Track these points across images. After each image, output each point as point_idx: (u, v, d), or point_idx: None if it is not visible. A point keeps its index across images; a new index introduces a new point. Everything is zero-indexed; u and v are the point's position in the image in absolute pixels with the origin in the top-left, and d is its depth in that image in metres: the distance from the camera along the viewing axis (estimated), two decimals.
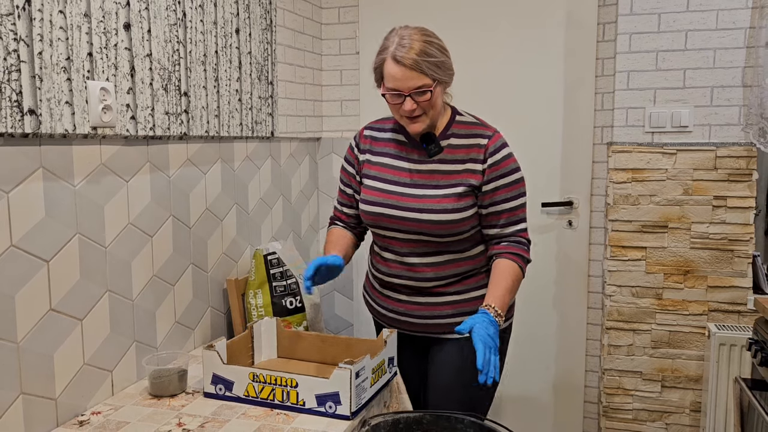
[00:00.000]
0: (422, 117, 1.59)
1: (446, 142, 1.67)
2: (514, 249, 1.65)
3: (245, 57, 2.14)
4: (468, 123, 1.70)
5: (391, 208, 1.66)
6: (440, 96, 1.60)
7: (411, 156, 1.69)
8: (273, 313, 2.00)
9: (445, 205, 1.62)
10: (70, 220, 1.42)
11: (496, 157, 1.64)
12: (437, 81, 1.55)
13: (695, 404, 2.43)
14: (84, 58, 1.42)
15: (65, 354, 1.42)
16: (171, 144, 1.78)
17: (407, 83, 1.54)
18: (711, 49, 2.28)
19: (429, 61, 1.52)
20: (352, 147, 1.81)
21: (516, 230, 1.67)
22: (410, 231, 1.66)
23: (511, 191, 1.66)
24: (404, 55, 1.51)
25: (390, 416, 1.48)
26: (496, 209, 1.65)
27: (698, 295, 2.38)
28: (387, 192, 1.68)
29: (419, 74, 1.52)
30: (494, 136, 1.66)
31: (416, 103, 1.56)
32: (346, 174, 1.82)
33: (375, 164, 1.74)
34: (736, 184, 2.31)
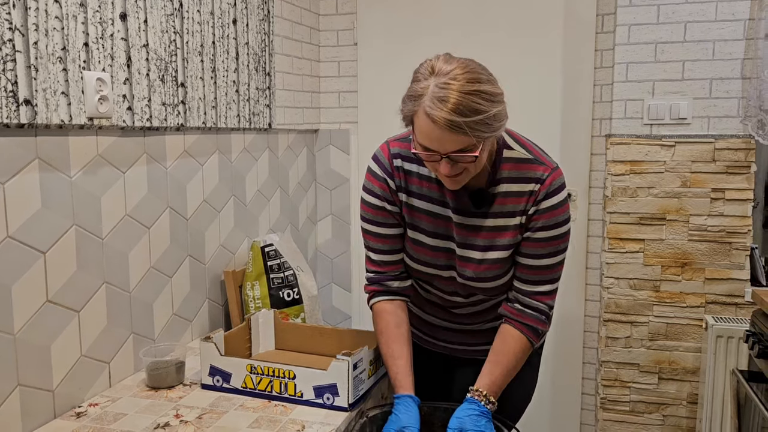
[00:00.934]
0: (463, 174, 1.27)
1: (495, 190, 1.36)
2: (527, 319, 1.40)
3: (242, 48, 2.13)
4: (519, 161, 1.36)
5: (441, 269, 1.44)
6: (486, 150, 1.27)
7: (455, 204, 1.39)
8: (270, 305, 2.00)
9: (497, 272, 1.40)
10: (67, 211, 1.41)
11: (543, 205, 1.35)
12: (485, 140, 1.22)
13: (692, 396, 2.43)
14: (80, 48, 1.41)
15: (62, 346, 1.41)
16: (168, 135, 1.77)
17: (444, 146, 1.20)
18: (710, 40, 2.27)
19: (475, 121, 1.16)
20: (381, 179, 1.43)
21: (538, 291, 1.40)
22: (461, 293, 1.49)
23: (549, 246, 1.37)
24: (442, 114, 1.16)
25: (388, 407, 1.48)
26: (526, 262, 1.39)
27: (696, 287, 2.38)
28: (436, 249, 1.43)
29: (460, 136, 1.18)
30: (550, 176, 1.35)
31: (456, 162, 1.24)
32: (385, 213, 1.44)
33: (414, 210, 1.42)
34: (734, 176, 2.30)
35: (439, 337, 1.62)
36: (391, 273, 1.49)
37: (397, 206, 1.44)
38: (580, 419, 2.72)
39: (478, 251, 1.40)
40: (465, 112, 1.16)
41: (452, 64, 1.21)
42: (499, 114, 1.21)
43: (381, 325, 1.48)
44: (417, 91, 1.21)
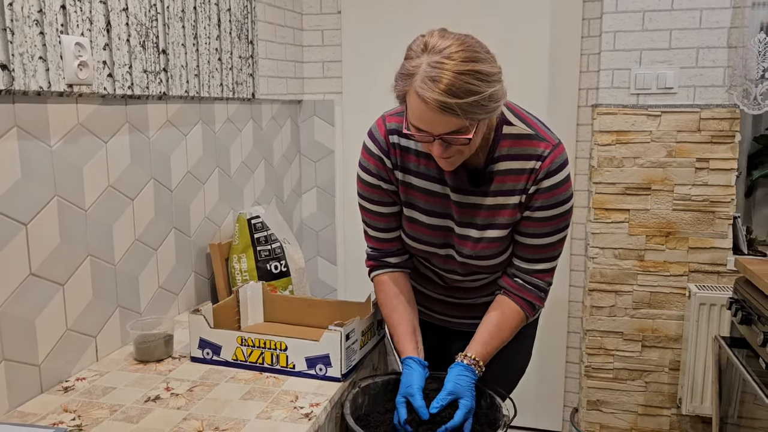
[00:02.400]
0: (457, 156, 1.24)
1: (495, 168, 1.32)
2: (526, 294, 1.39)
3: (224, 14, 2.06)
4: (519, 137, 1.31)
5: (438, 247, 1.42)
6: (481, 131, 1.22)
7: (453, 182, 1.35)
8: (258, 278, 1.97)
9: (495, 250, 1.38)
10: (48, 181, 1.37)
11: (543, 184, 1.30)
12: (479, 121, 1.17)
13: (674, 363, 2.48)
14: (57, 10, 1.35)
15: (47, 319, 1.38)
16: (150, 104, 1.72)
17: (436, 127, 1.16)
18: (697, 9, 2.26)
19: (468, 102, 1.10)
20: (377, 157, 1.39)
21: (538, 269, 1.38)
22: (459, 272, 1.46)
23: (549, 226, 1.34)
24: (433, 95, 1.10)
25: (380, 378, 1.49)
26: (525, 241, 1.37)
27: (679, 256, 2.41)
28: (433, 228, 1.40)
29: (452, 118, 1.13)
30: (550, 155, 1.29)
31: (449, 144, 1.20)
32: (381, 192, 1.41)
33: (410, 188, 1.39)
34: (718, 146, 2.32)
35: (436, 311, 1.62)
36: (389, 250, 1.48)
37: (393, 185, 1.40)
38: (565, 387, 2.76)
39: (476, 229, 1.37)
40: (458, 94, 1.10)
41: (447, 40, 1.14)
42: (496, 94, 1.15)
43: (381, 297, 1.49)
44: (409, 69, 1.15)
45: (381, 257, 1.48)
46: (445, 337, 1.66)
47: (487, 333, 1.38)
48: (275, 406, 1.30)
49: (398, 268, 1.48)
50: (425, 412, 1.27)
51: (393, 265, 1.48)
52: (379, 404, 1.45)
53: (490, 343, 1.37)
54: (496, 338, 1.38)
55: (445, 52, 1.12)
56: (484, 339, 1.37)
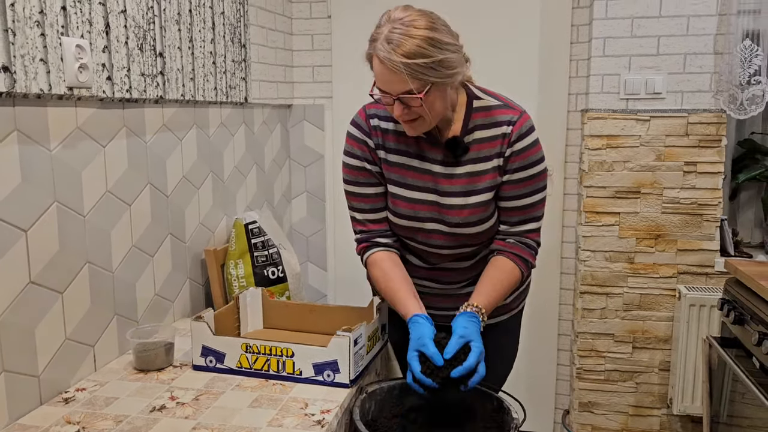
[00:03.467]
0: (419, 121, 1.35)
1: (470, 138, 1.43)
2: (519, 250, 1.46)
3: (218, 17, 2.04)
4: (489, 108, 1.43)
5: (422, 221, 1.47)
6: (440, 98, 1.33)
7: (433, 155, 1.45)
8: (255, 284, 1.95)
9: (481, 215, 1.45)
10: (48, 186, 1.33)
11: (516, 147, 1.41)
12: (432, 84, 1.28)
13: (664, 363, 2.51)
14: (57, 12, 1.31)
15: (46, 329, 1.34)
16: (147, 108, 1.69)
17: (393, 86, 1.29)
18: (684, 16, 2.31)
19: (418, 63, 1.24)
20: (360, 140, 1.49)
21: (526, 230, 1.47)
22: (442, 245, 1.50)
23: (528, 186, 1.44)
24: (387, 56, 1.25)
25: (385, 383, 1.48)
26: (508, 204, 1.46)
27: (668, 258, 2.45)
28: (414, 201, 1.46)
29: (408, 79, 1.25)
30: (519, 120, 1.41)
31: (407, 106, 1.32)
32: (367, 173, 1.49)
33: (393, 165, 1.47)
34: (706, 149, 2.36)
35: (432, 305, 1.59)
36: (377, 231, 1.53)
37: (377, 165, 1.49)
38: (556, 389, 2.78)
39: (460, 197, 1.45)
40: (410, 55, 1.24)
41: (408, 11, 1.29)
42: (447, 61, 1.28)
43: (377, 272, 1.50)
44: (373, 35, 1.31)
45: (371, 238, 1.53)
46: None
47: (488, 285, 1.43)
48: (286, 414, 1.28)
49: (389, 247, 1.53)
50: (439, 358, 1.28)
51: (383, 244, 1.52)
52: (386, 409, 1.44)
53: (491, 294, 1.42)
54: (496, 290, 1.43)
55: (404, 20, 1.27)
56: (486, 290, 1.42)
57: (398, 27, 1.26)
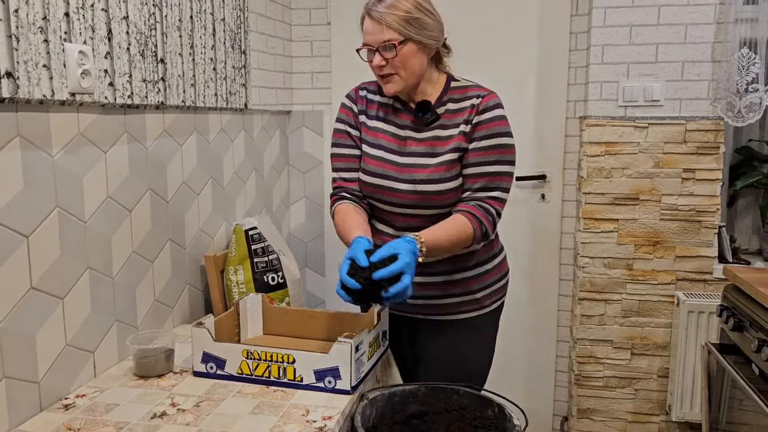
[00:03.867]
0: (394, 77, 1.54)
1: (443, 109, 1.59)
2: (475, 210, 1.53)
3: (219, 24, 2.04)
4: (464, 87, 1.62)
5: (389, 179, 1.60)
6: (416, 57, 1.52)
7: (408, 123, 1.62)
8: (255, 290, 1.94)
9: (438, 174, 1.56)
10: (50, 192, 1.33)
11: (484, 116, 1.54)
12: (408, 38, 1.49)
13: (662, 370, 2.52)
14: (61, 18, 1.32)
15: (47, 335, 1.33)
16: (147, 114, 1.69)
17: (376, 36, 1.50)
18: (682, 24, 2.32)
19: (398, 15, 1.47)
20: (348, 107, 1.70)
21: (487, 196, 1.55)
22: (405, 204, 1.60)
23: (492, 155, 1.54)
24: (373, 8, 1.50)
25: (387, 390, 1.47)
26: (473, 171, 1.55)
27: (667, 264, 2.45)
28: (384, 161, 1.61)
29: (386, 28, 1.48)
30: (489, 95, 1.57)
31: (385, 60, 1.51)
32: (348, 135, 1.68)
33: (371, 129, 1.65)
34: (704, 156, 2.38)
35: None
36: (348, 188, 1.68)
37: (357, 129, 1.67)
38: (554, 396, 2.78)
39: (425, 158, 1.58)
40: (390, 6, 1.47)
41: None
42: (424, 21, 1.50)
43: (338, 219, 1.62)
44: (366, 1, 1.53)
45: (342, 192, 1.67)
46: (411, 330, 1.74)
47: (436, 226, 1.51)
48: (287, 420, 1.28)
49: (355, 201, 1.66)
50: (365, 260, 1.38)
51: (350, 198, 1.67)
52: (387, 416, 1.44)
53: (435, 232, 1.48)
54: (442, 230, 1.49)
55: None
56: (432, 229, 1.50)
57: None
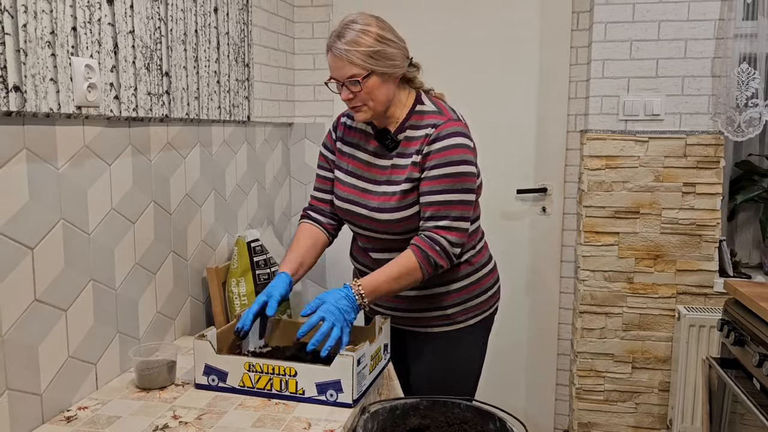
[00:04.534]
0: (363, 107, 1.56)
1: (402, 135, 1.60)
2: (422, 243, 1.53)
3: (223, 38, 2.06)
4: (425, 113, 1.60)
5: (355, 204, 1.65)
6: (381, 87, 1.53)
7: (374, 149, 1.65)
8: None
9: (391, 204, 1.58)
10: (54, 204, 1.34)
11: (434, 146, 1.53)
12: (371, 71, 1.50)
13: (663, 384, 2.51)
14: (68, 32, 1.33)
15: (50, 347, 1.34)
16: (152, 126, 1.70)
17: (339, 72, 1.52)
18: (682, 39, 2.34)
19: (359, 51, 1.48)
20: (330, 132, 1.77)
21: (436, 225, 1.53)
22: (368, 228, 1.65)
23: (441, 183, 1.53)
24: (333, 44, 1.51)
25: (388, 403, 1.47)
26: (423, 200, 1.55)
27: (667, 278, 2.46)
28: (351, 186, 1.66)
29: (349, 64, 1.50)
30: (445, 123, 1.55)
31: (352, 93, 1.53)
32: (325, 159, 1.76)
33: (344, 155, 1.70)
34: (704, 171, 2.39)
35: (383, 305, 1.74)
36: (318, 207, 1.77)
37: (333, 154, 1.74)
38: (555, 410, 2.77)
39: (382, 185, 1.61)
40: (351, 43, 1.49)
41: (360, 15, 1.55)
42: (385, 53, 1.51)
43: (296, 236, 1.74)
44: (330, 33, 1.55)
45: (311, 210, 1.78)
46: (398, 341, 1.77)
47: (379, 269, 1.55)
48: None
49: (317, 223, 1.75)
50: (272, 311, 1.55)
51: (314, 219, 1.76)
52: (388, 429, 1.44)
53: (373, 275, 1.54)
54: (383, 273, 1.53)
55: (355, 20, 1.53)
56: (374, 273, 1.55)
57: (350, 25, 1.52)
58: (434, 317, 1.69)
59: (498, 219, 2.68)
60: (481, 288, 1.72)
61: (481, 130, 2.36)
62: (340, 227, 1.80)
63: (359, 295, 1.51)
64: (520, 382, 2.79)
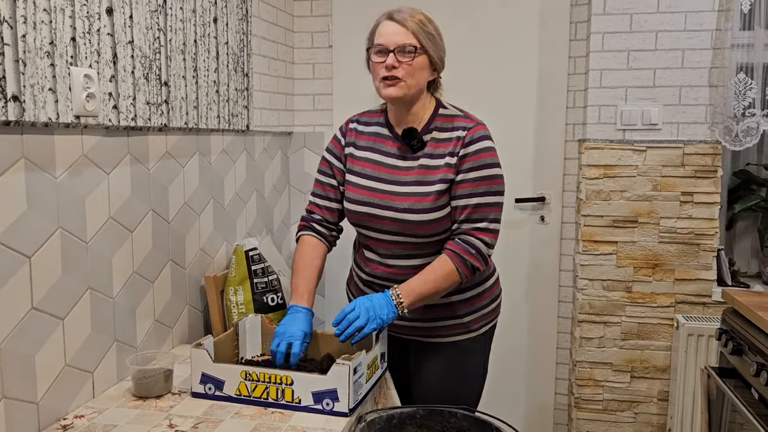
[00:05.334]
0: (400, 83, 1.54)
1: (429, 137, 1.61)
2: (459, 248, 1.55)
3: (222, 47, 2.08)
4: (451, 116, 1.63)
5: (374, 207, 1.62)
6: (424, 69, 1.57)
7: (395, 151, 1.64)
8: (254, 311, 1.95)
9: (425, 204, 1.57)
10: (52, 213, 1.34)
11: (470, 149, 1.56)
12: (425, 49, 1.54)
13: (662, 393, 2.51)
14: (67, 42, 1.34)
15: (47, 355, 1.34)
16: (150, 135, 1.71)
17: (395, 38, 1.53)
18: (680, 49, 2.36)
19: (422, 27, 1.54)
20: (337, 138, 1.74)
21: (474, 227, 1.56)
22: (391, 231, 1.62)
23: (479, 186, 1.56)
24: (400, 15, 1.54)
25: (384, 412, 1.47)
26: (459, 203, 1.57)
27: (666, 287, 2.46)
28: (370, 189, 1.63)
29: (409, 32, 1.52)
30: (475, 127, 1.59)
31: (398, 62, 1.53)
32: (329, 165, 1.73)
33: (359, 159, 1.68)
34: (702, 180, 2.39)
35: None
36: (319, 215, 1.73)
37: (341, 161, 1.71)
38: (554, 419, 2.77)
39: (411, 186, 1.59)
40: (419, 21, 1.54)
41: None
42: (441, 44, 1.59)
43: (300, 253, 1.69)
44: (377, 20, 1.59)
45: (311, 220, 1.73)
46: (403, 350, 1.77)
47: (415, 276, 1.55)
48: None
49: (322, 236, 1.72)
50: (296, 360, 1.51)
51: (318, 231, 1.72)
52: None
53: (412, 281, 1.54)
54: (419, 276, 1.54)
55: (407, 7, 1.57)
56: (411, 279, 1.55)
57: (410, 7, 1.57)
58: (449, 326, 1.68)
59: None
60: (493, 295, 1.74)
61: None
62: (339, 236, 1.79)
63: (395, 295, 1.52)
64: (520, 390, 2.78)
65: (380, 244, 1.66)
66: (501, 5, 2.62)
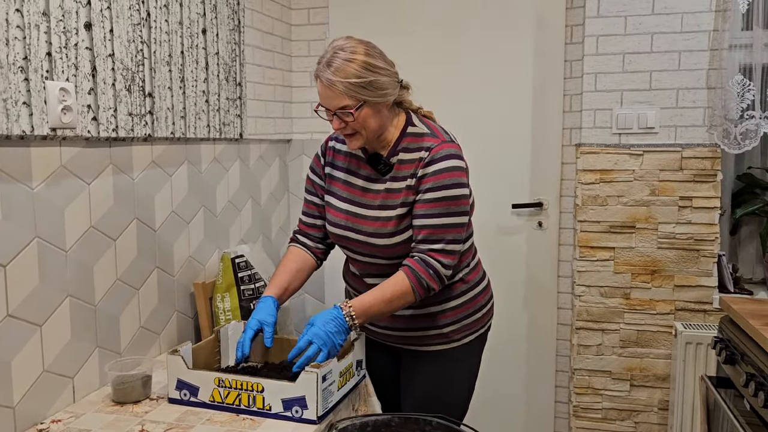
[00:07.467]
0: (356, 135, 1.54)
1: (395, 159, 1.58)
2: (415, 265, 1.52)
3: (212, 58, 2.11)
4: (419, 134, 1.59)
5: (348, 230, 1.63)
6: (373, 116, 1.51)
7: (367, 174, 1.63)
8: (241, 317, 1.97)
9: (388, 229, 1.57)
10: (28, 223, 1.38)
11: (429, 169, 1.52)
12: (363, 102, 1.48)
13: (663, 402, 2.46)
14: (42, 57, 1.38)
15: (23, 361, 1.38)
16: (135, 146, 1.75)
17: (331, 101, 1.49)
18: (676, 51, 2.32)
19: (350, 82, 1.45)
20: (318, 156, 1.75)
21: (430, 248, 1.52)
22: (363, 253, 1.65)
23: (435, 207, 1.52)
24: (323, 74, 1.47)
25: (358, 419, 1.47)
26: (416, 223, 1.54)
27: (665, 294, 2.41)
28: (345, 212, 1.65)
29: (339, 94, 1.46)
30: (438, 146, 1.54)
31: (344, 122, 1.51)
32: (312, 183, 1.75)
33: (335, 179, 1.69)
34: (701, 184, 2.34)
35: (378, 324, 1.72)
36: (305, 231, 1.77)
37: (321, 179, 1.72)
38: (554, 427, 2.73)
39: (376, 210, 1.60)
40: (345, 76, 1.45)
41: (349, 40, 1.51)
42: (378, 83, 1.49)
43: (283, 260, 1.74)
44: (319, 59, 1.51)
45: (299, 234, 1.78)
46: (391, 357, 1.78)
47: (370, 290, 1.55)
48: None
49: (308, 248, 1.76)
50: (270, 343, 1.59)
51: (302, 243, 1.77)
52: None
53: (365, 296, 1.54)
54: (372, 292, 1.54)
55: (344, 47, 1.49)
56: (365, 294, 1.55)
57: (338, 53, 1.47)
58: (431, 336, 1.69)
59: (494, 234, 2.67)
60: (477, 305, 1.72)
61: (477, 144, 2.37)
62: (329, 251, 1.81)
63: (349, 317, 1.51)
64: (519, 398, 2.75)
65: (356, 264, 1.71)
66: (496, 9, 2.61)
